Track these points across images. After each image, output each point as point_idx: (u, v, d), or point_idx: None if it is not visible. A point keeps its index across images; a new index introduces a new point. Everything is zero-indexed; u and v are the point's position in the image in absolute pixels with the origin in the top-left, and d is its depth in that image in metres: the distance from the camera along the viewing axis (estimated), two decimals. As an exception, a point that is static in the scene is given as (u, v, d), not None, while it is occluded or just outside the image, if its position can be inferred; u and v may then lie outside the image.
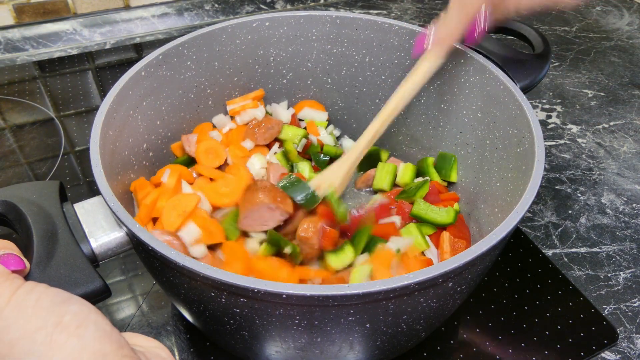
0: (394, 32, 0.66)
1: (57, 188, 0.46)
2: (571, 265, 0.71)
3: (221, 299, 0.40)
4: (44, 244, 0.41)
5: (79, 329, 0.29)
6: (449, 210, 0.60)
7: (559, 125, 0.95)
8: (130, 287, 0.65)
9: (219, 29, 0.64)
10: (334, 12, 0.68)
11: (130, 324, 0.61)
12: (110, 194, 0.43)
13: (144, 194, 0.55)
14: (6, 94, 0.97)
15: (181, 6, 1.21)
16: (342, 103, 0.75)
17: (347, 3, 1.32)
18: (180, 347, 0.59)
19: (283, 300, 0.37)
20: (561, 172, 0.85)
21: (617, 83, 1.06)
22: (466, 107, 0.63)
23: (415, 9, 1.30)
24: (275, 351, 0.46)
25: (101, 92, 0.98)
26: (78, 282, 0.41)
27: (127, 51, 1.10)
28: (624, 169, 0.86)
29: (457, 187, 0.67)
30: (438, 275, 0.37)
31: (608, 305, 0.66)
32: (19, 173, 0.81)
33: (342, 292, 0.35)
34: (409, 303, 0.40)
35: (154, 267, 0.43)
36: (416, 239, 0.58)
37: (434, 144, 0.70)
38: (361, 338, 0.44)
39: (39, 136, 0.88)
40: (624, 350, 0.61)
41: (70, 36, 1.12)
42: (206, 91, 0.67)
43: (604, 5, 1.35)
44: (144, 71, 0.57)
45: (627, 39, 1.21)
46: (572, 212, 0.78)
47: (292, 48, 0.70)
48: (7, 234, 0.67)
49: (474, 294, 0.65)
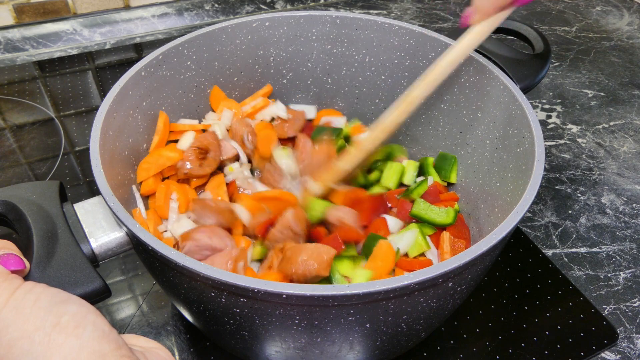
0: (394, 32, 0.66)
1: (57, 188, 0.46)
2: (571, 265, 0.71)
3: (221, 299, 0.40)
4: (44, 244, 0.41)
5: (78, 329, 0.29)
6: (449, 211, 0.60)
7: (559, 125, 0.95)
8: (130, 287, 0.65)
9: (219, 29, 0.64)
10: (334, 12, 0.68)
11: (130, 324, 0.61)
12: (110, 194, 0.43)
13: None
14: (6, 94, 0.97)
15: (181, 6, 1.21)
16: (342, 103, 0.75)
17: (347, 3, 1.32)
18: (180, 347, 0.59)
19: (283, 300, 0.37)
20: (561, 172, 0.85)
21: (617, 83, 1.06)
22: (466, 107, 0.63)
23: (415, 9, 1.30)
24: (275, 351, 0.46)
25: (101, 92, 0.98)
26: (78, 282, 0.41)
27: (127, 51, 1.10)
28: (624, 169, 0.86)
29: (457, 187, 0.67)
30: (438, 275, 0.37)
31: (608, 305, 0.66)
32: (19, 173, 0.81)
33: (342, 292, 0.35)
34: (409, 303, 0.40)
35: (154, 267, 0.43)
36: (417, 240, 0.58)
37: (434, 144, 0.70)
38: (361, 338, 0.43)
39: (39, 136, 0.88)
40: (624, 350, 0.61)
41: (70, 36, 1.12)
42: (206, 91, 0.67)
43: (604, 5, 1.34)
44: (144, 71, 0.57)
45: (627, 39, 1.21)
46: (572, 212, 0.78)
47: (292, 48, 0.70)
48: (7, 234, 0.67)
49: (474, 294, 0.65)
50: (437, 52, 0.64)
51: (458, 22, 0.62)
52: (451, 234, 0.59)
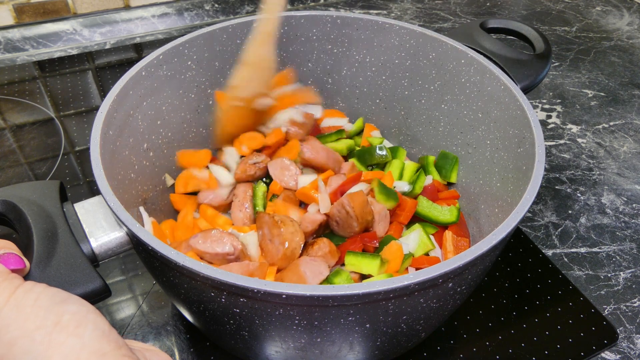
0: (395, 32, 0.66)
1: (57, 188, 0.46)
2: (571, 265, 0.71)
3: (221, 299, 0.40)
4: (44, 243, 0.41)
5: (78, 329, 0.29)
6: (452, 209, 0.60)
7: (559, 125, 0.95)
8: (130, 287, 0.65)
9: (220, 28, 0.64)
10: (334, 12, 0.68)
11: (130, 324, 0.61)
12: (111, 194, 0.43)
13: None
14: (6, 94, 0.97)
15: (181, 6, 1.21)
16: (343, 103, 0.75)
17: (347, 3, 1.32)
18: (180, 347, 0.59)
19: (283, 300, 0.37)
20: (561, 172, 0.85)
21: (617, 83, 1.06)
22: (467, 108, 0.63)
23: (415, 9, 1.30)
24: (275, 351, 0.46)
25: (101, 92, 0.98)
26: (78, 282, 0.41)
27: (127, 51, 1.10)
28: (624, 169, 0.86)
29: (458, 187, 0.67)
30: (438, 276, 0.37)
31: (608, 305, 0.66)
32: (19, 173, 0.81)
33: (342, 292, 0.35)
34: (409, 303, 0.40)
35: (154, 267, 0.43)
36: (422, 239, 0.58)
37: (434, 144, 0.70)
38: (361, 338, 0.43)
39: (39, 136, 0.88)
40: (624, 350, 0.61)
41: (70, 36, 1.12)
42: (207, 91, 0.67)
43: (604, 5, 1.35)
44: (145, 71, 0.57)
45: (627, 39, 1.21)
46: (572, 212, 0.78)
47: (292, 48, 0.70)
48: (7, 234, 0.67)
49: (474, 294, 0.65)
50: (437, 52, 0.64)
51: (458, 22, 0.62)
52: (454, 233, 0.59)
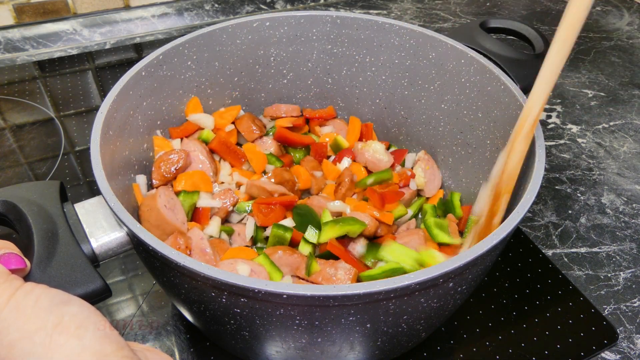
0: (394, 32, 0.66)
1: (57, 188, 0.46)
2: (571, 265, 0.71)
3: (222, 299, 0.40)
4: (45, 244, 0.41)
5: (79, 330, 0.29)
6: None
7: (559, 125, 0.95)
8: (130, 287, 0.65)
9: (220, 29, 0.64)
10: (334, 12, 0.68)
11: (130, 324, 0.61)
12: (111, 194, 0.43)
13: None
14: (6, 94, 0.97)
15: (181, 6, 1.21)
16: (343, 103, 0.75)
17: (347, 3, 1.32)
18: (180, 347, 0.59)
19: (283, 300, 0.37)
20: (561, 172, 0.85)
21: (617, 83, 1.06)
22: (467, 107, 0.63)
23: (415, 9, 1.30)
24: (276, 351, 0.46)
25: (101, 92, 0.98)
26: (78, 282, 0.41)
27: (127, 51, 1.10)
28: (624, 169, 0.86)
29: (458, 187, 0.67)
30: (438, 276, 0.37)
31: (608, 305, 0.66)
32: (19, 173, 0.81)
33: (342, 292, 0.35)
34: (410, 303, 0.40)
35: (154, 267, 0.43)
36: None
37: (434, 144, 0.70)
38: (361, 338, 0.44)
39: (39, 136, 0.88)
40: (624, 350, 0.61)
41: (70, 36, 1.12)
42: (207, 91, 0.67)
43: (604, 5, 1.35)
44: (145, 71, 0.57)
45: (627, 39, 1.21)
46: (572, 212, 0.78)
47: (292, 48, 0.70)
48: (7, 234, 0.67)
49: (474, 294, 0.65)
50: (437, 52, 0.64)
51: (458, 22, 0.61)
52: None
